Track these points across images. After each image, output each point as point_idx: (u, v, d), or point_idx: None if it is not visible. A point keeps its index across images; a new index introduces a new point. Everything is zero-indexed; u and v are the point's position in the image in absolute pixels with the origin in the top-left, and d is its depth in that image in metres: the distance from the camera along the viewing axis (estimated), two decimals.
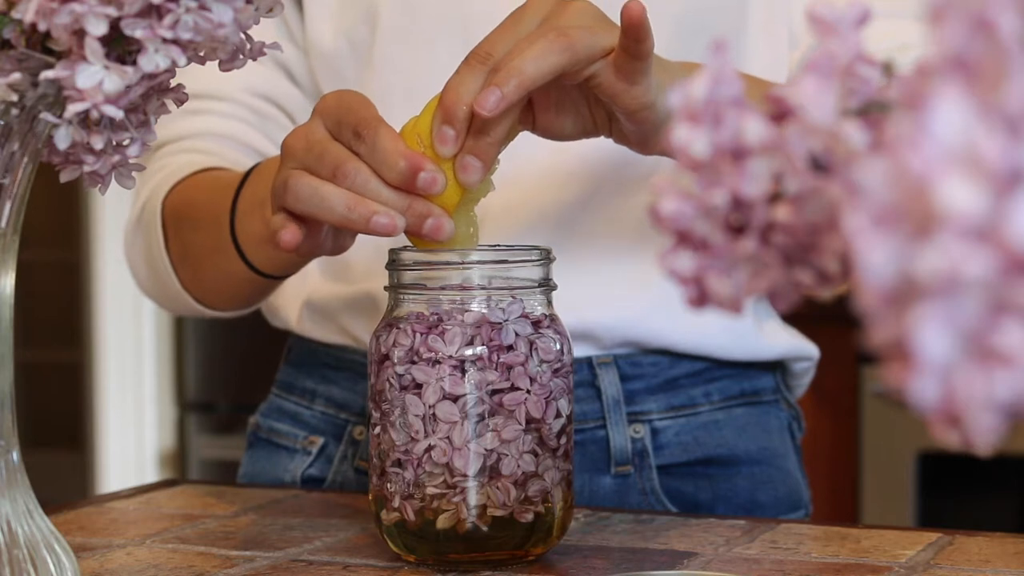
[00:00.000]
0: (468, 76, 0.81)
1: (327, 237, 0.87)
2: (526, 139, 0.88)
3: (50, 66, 0.64)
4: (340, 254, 0.90)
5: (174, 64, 0.64)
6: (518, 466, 0.82)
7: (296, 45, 1.11)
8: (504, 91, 0.79)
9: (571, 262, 1.01)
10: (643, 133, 0.86)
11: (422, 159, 0.81)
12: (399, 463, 0.83)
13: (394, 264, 0.85)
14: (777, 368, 1.13)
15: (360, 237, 1.07)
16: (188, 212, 1.06)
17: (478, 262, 0.84)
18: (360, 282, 1.09)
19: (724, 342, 1.07)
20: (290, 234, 0.84)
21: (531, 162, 1.04)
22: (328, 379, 1.12)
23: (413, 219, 0.82)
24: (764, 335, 1.09)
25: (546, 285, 0.85)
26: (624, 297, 1.05)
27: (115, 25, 0.63)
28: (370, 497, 0.86)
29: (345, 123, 0.82)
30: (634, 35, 0.80)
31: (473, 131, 0.82)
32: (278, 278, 1.01)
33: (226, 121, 1.11)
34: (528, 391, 0.82)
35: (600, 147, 1.04)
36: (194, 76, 0.71)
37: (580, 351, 1.03)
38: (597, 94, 0.83)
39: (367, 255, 1.08)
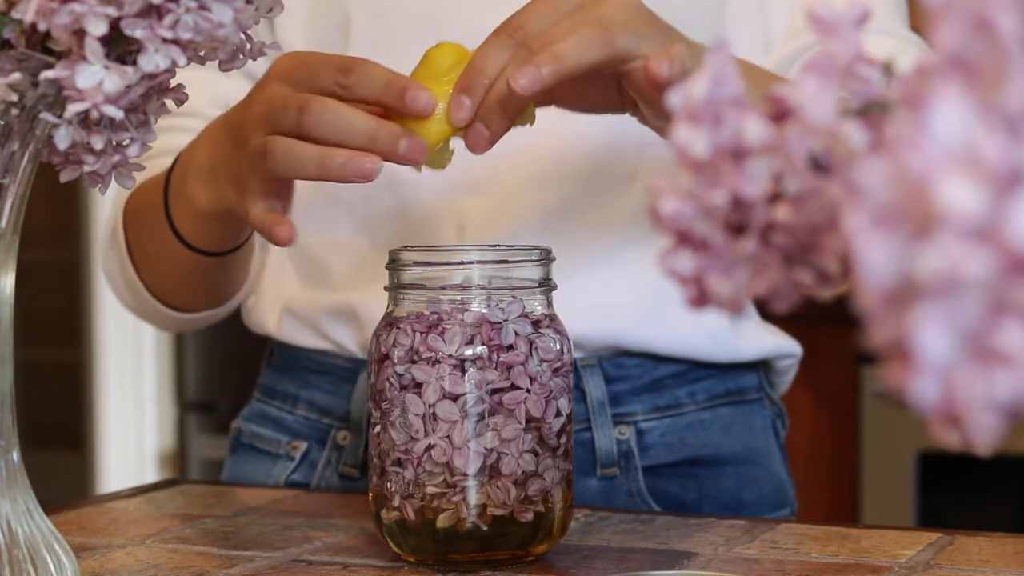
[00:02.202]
0: (496, 49, 0.81)
1: None
2: (508, 144, 0.87)
3: (50, 66, 0.64)
4: None
5: (174, 64, 0.64)
6: (518, 465, 0.82)
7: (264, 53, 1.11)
8: (542, 72, 0.79)
9: (556, 267, 1.02)
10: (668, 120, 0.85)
11: (410, 81, 0.81)
12: (399, 462, 0.83)
13: (394, 264, 0.85)
14: (760, 366, 1.13)
15: (339, 247, 1.07)
16: (137, 215, 1.08)
17: (478, 262, 0.84)
18: (340, 291, 1.08)
19: (706, 345, 1.07)
20: (287, 230, 0.84)
21: (513, 168, 1.03)
22: (310, 384, 1.11)
23: (386, 142, 0.81)
24: (745, 337, 1.09)
25: (546, 285, 0.85)
26: (606, 302, 1.05)
27: (115, 25, 0.63)
28: (370, 496, 0.86)
29: (323, 69, 0.83)
30: (654, 90, 0.80)
31: (489, 105, 0.81)
32: (220, 255, 1.01)
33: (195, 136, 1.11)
34: (528, 390, 0.82)
35: (581, 152, 1.04)
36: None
37: None
38: (627, 87, 0.83)
39: (347, 264, 1.08)
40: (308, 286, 1.11)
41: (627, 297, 1.05)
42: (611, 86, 0.85)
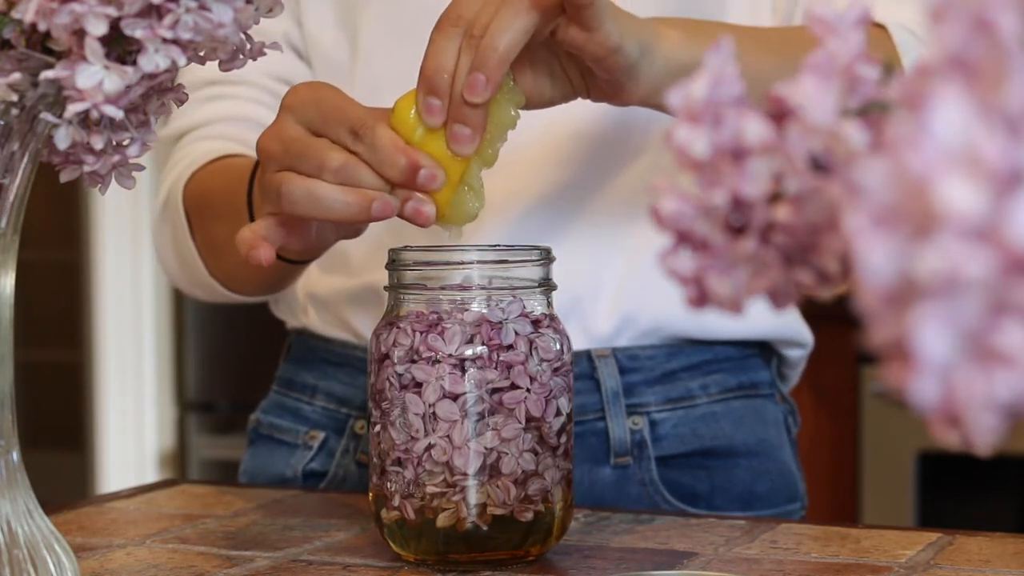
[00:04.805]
0: (444, 43, 0.82)
1: (325, 228, 0.88)
2: (524, 123, 0.88)
3: (50, 66, 0.64)
4: (357, 237, 0.91)
5: (174, 64, 0.64)
6: (518, 465, 0.82)
7: (300, 25, 1.13)
8: (487, 73, 0.81)
9: (570, 240, 1.02)
10: (616, 83, 0.85)
11: (421, 155, 0.82)
12: (399, 462, 0.83)
13: (394, 264, 0.85)
14: (772, 358, 1.13)
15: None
16: (207, 203, 1.07)
17: (478, 262, 0.84)
18: (361, 274, 1.09)
19: (712, 315, 1.07)
20: (265, 253, 0.84)
21: (527, 148, 1.04)
22: (328, 375, 1.13)
23: (397, 204, 0.83)
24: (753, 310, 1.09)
25: (546, 285, 0.85)
26: (619, 275, 1.06)
27: (115, 25, 0.63)
28: (370, 496, 0.86)
29: (335, 121, 0.83)
30: (575, 14, 0.81)
31: (459, 101, 0.82)
32: (303, 262, 1.02)
33: (246, 105, 1.12)
34: (528, 390, 0.82)
35: (594, 132, 1.05)
36: (212, 62, 0.71)
37: (578, 344, 1.04)
38: (565, 49, 0.84)
39: (366, 246, 1.09)
40: (327, 272, 1.12)
41: (636, 267, 1.06)
42: (556, 72, 0.87)
